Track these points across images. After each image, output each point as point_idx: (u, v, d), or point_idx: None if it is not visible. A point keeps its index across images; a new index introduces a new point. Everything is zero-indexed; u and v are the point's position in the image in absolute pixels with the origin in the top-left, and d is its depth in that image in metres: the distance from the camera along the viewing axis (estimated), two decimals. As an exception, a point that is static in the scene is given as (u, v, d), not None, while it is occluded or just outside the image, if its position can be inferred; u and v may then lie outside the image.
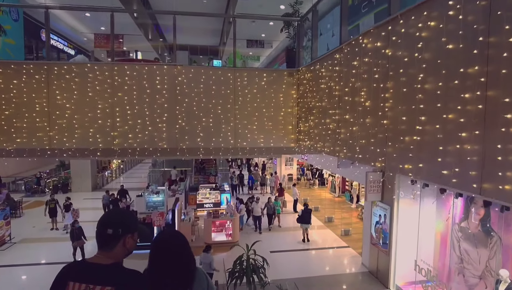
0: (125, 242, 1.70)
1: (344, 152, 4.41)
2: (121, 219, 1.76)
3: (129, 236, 1.72)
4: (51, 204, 13.69)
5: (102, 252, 1.68)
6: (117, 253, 1.69)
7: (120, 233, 1.68)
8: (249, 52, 20.85)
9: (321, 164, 17.27)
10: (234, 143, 6.40)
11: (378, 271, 10.49)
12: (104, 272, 1.63)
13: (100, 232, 1.68)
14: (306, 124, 6.04)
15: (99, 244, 1.70)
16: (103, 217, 1.76)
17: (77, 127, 5.93)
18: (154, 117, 6.11)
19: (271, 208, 14.11)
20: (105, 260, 1.66)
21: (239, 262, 7.50)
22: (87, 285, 1.59)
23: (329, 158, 14.67)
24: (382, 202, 10.21)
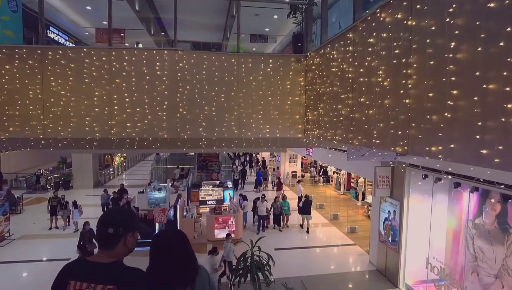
0: (126, 241, 1.69)
1: (358, 139, 4.05)
2: (121, 218, 1.75)
3: (130, 235, 1.70)
4: (53, 202, 13.41)
5: (103, 251, 1.67)
6: (118, 252, 1.68)
7: (121, 232, 1.67)
8: (253, 48, 20.47)
9: (327, 160, 16.88)
10: (238, 134, 6.06)
11: (386, 270, 10.12)
12: (106, 271, 1.61)
13: (101, 231, 1.67)
14: (314, 112, 5.69)
15: (100, 243, 1.69)
16: (103, 216, 1.74)
17: (72, 116, 5.62)
18: (153, 105, 5.78)
19: (278, 208, 13.58)
20: (106, 259, 1.64)
21: (243, 259, 7.16)
22: (89, 284, 1.57)
23: (335, 153, 14.28)
24: (391, 198, 9.83)
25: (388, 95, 3.44)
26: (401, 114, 3.24)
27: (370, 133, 3.81)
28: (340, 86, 4.63)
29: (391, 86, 3.42)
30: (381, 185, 9.69)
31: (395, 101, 3.36)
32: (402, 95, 3.22)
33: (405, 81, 3.17)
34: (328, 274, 10.04)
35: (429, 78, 2.84)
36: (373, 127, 3.74)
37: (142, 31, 18.76)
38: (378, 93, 3.66)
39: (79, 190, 20.85)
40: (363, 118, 3.98)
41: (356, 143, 4.13)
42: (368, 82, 3.88)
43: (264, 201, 13.48)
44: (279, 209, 13.69)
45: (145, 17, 17.93)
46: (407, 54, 3.15)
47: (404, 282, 9.34)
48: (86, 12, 16.09)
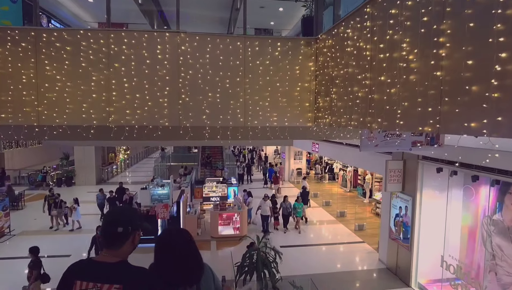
0: (134, 239, 1.72)
1: (378, 122, 3.67)
2: (129, 216, 1.75)
3: (137, 232, 1.74)
4: (50, 200, 13.00)
5: (109, 251, 1.67)
6: (125, 251, 1.70)
7: (130, 230, 1.70)
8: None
9: (334, 155, 16.46)
10: (244, 122, 5.69)
11: (397, 268, 9.71)
12: (112, 271, 1.61)
13: (109, 231, 1.68)
14: (326, 98, 5.31)
15: (107, 243, 1.69)
16: (110, 216, 1.77)
17: (68, 102, 5.29)
18: (154, 91, 5.44)
19: (287, 209, 12.89)
20: (112, 258, 1.65)
21: (249, 255, 6.82)
22: (95, 284, 1.57)
23: (343, 148, 13.85)
24: (403, 193, 9.41)
25: (415, 69, 3.05)
26: (430, 89, 2.85)
27: (392, 114, 3.43)
28: (356, 66, 4.24)
29: (418, 59, 3.03)
30: (393, 179, 9.28)
31: (423, 76, 2.97)
32: (432, 67, 2.83)
33: (436, 51, 2.78)
34: (337, 273, 9.66)
35: (468, 43, 2.45)
36: (396, 107, 3.35)
37: (145, 25, 18.47)
38: (402, 68, 3.27)
39: (81, 186, 20.66)
40: (384, 98, 3.59)
41: (376, 127, 3.75)
42: (390, 58, 3.49)
43: (268, 200, 12.87)
44: (288, 209, 13.00)
45: (148, 10, 17.61)
46: (439, 20, 2.76)
47: (416, 281, 8.93)
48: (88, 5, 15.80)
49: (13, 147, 28.71)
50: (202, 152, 25.95)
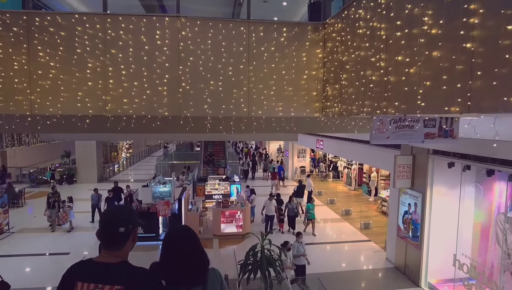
0: (134, 237, 1.71)
1: (395, 106, 3.36)
2: (128, 215, 1.74)
3: (136, 230, 1.73)
4: (55, 197, 12.63)
5: (109, 252, 1.65)
6: (126, 251, 1.68)
7: (131, 229, 1.69)
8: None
9: (339, 152, 16.11)
10: (248, 112, 5.40)
11: (406, 267, 9.36)
12: (113, 271, 1.59)
13: (110, 232, 1.65)
14: (335, 85, 4.99)
15: (108, 244, 1.66)
16: (109, 217, 1.73)
17: (63, 90, 5.01)
18: (153, 78, 5.15)
19: (293, 210, 12.19)
20: (113, 259, 1.63)
21: (253, 253, 6.51)
22: (96, 285, 1.55)
23: (349, 144, 13.51)
24: (412, 189, 9.06)
25: (440, 42, 2.73)
26: (459, 64, 2.54)
27: (412, 96, 3.12)
28: (369, 48, 3.93)
29: (444, 31, 2.72)
30: (401, 175, 8.94)
31: (449, 50, 2.66)
32: (461, 38, 2.51)
33: (466, 19, 2.47)
34: (344, 272, 9.34)
35: (507, 7, 2.13)
36: (416, 88, 3.04)
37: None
38: (423, 44, 2.95)
39: (83, 184, 20.44)
40: (402, 80, 3.28)
41: (392, 111, 3.43)
42: (409, 34, 3.17)
43: (273, 200, 12.26)
44: (295, 210, 12.18)
45: (149, 5, 17.37)
46: (469, -15, 2.44)
47: (426, 280, 8.58)
48: (88, -1, 15.54)
49: (15, 145, 28.67)
50: (204, 150, 25.69)
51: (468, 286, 7.25)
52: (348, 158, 19.01)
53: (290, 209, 12.21)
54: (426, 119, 6.05)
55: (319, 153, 26.25)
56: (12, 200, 15.40)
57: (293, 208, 12.16)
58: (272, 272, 6.33)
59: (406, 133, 6.07)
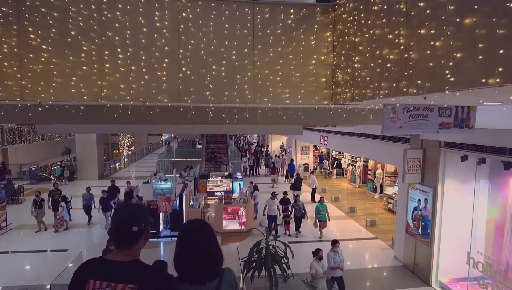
0: (146, 235, 1.71)
1: (417, 85, 3.02)
2: (141, 214, 1.73)
3: (148, 228, 1.73)
4: (55, 195, 12.16)
5: (121, 251, 1.64)
6: (138, 249, 1.68)
7: (143, 227, 1.68)
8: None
9: (345, 147, 15.75)
10: (252, 99, 5.07)
11: (415, 265, 9.01)
12: (126, 270, 1.59)
13: (123, 231, 1.64)
14: (347, 69, 4.66)
15: (120, 243, 1.65)
16: (121, 216, 1.71)
17: (56, 75, 4.70)
18: (152, 62, 4.83)
19: (299, 210, 11.49)
20: (125, 257, 1.62)
21: (257, 249, 6.19)
22: (109, 283, 1.54)
23: (354, 139, 13.16)
24: (422, 184, 8.71)
25: (475, 6, 2.39)
26: (500, 28, 2.20)
27: (438, 71, 2.78)
28: (387, 24, 3.59)
29: (479, -6, 2.37)
30: (411, 170, 8.59)
31: (486, 14, 2.32)
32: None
33: (508, -25, 2.13)
34: (351, 270, 8.99)
35: None
36: (444, 61, 2.70)
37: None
38: (453, 12, 2.62)
39: (83, 181, 20.18)
40: (426, 54, 2.94)
41: (414, 91, 3.10)
42: (435, 3, 2.83)
43: (275, 199, 11.65)
44: (301, 211, 11.47)
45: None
46: None
47: (437, 279, 8.24)
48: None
49: (16, 142, 28.51)
50: (206, 147, 25.39)
51: (483, 286, 6.90)
52: (354, 154, 18.64)
53: (297, 210, 11.44)
54: (441, 108, 5.72)
55: (322, 149, 25.91)
56: (11, 196, 15.17)
57: (300, 209, 11.45)
58: (277, 269, 6.01)
59: (420, 123, 5.74)
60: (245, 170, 23.09)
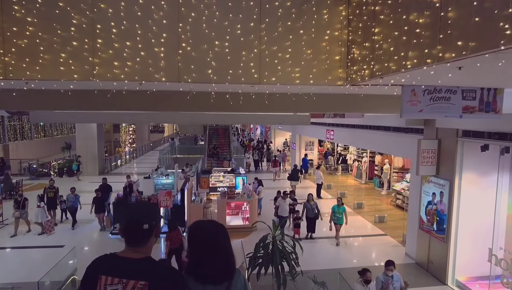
0: (157, 233, 1.75)
1: (457, 46, 2.55)
2: (151, 211, 1.78)
3: (158, 225, 1.79)
4: (49, 193, 11.47)
5: (133, 248, 1.66)
6: (149, 247, 1.71)
7: (154, 225, 1.71)
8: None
9: (352, 140, 15.23)
10: (259, 79, 4.60)
11: (429, 263, 8.52)
12: (137, 267, 1.61)
13: (134, 229, 1.67)
14: (365, 44, 4.19)
15: (132, 241, 1.67)
16: (132, 215, 1.72)
17: (43, 50, 4.26)
18: (148, 37, 4.38)
19: (312, 210, 10.43)
20: (136, 254, 1.64)
21: (263, 245, 5.74)
22: (120, 280, 1.57)
23: (362, 132, 12.66)
24: (437, 177, 8.20)
25: None
26: None
27: (488, 26, 2.30)
28: (416, -17, 3.10)
29: None
30: (426, 161, 8.09)
31: None
32: None
33: None
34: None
35: None
36: (497, 11, 2.22)
37: None
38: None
39: (84, 176, 19.83)
40: (468, 12, 2.47)
41: (453, 55, 2.62)
42: None
43: (287, 199, 10.77)
44: (314, 211, 10.40)
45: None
46: None
47: (454, 278, 7.75)
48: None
49: (18, 139, 28.29)
50: (209, 143, 24.97)
51: (508, 285, 6.40)
52: (362, 147, 18.10)
53: (309, 210, 10.36)
54: (465, 90, 5.23)
55: (327, 145, 25.42)
56: (9, 191, 14.82)
57: (313, 209, 10.34)
58: (285, 266, 5.56)
59: (442, 106, 5.26)
60: (248, 166, 22.67)
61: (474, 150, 7.24)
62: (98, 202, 11.08)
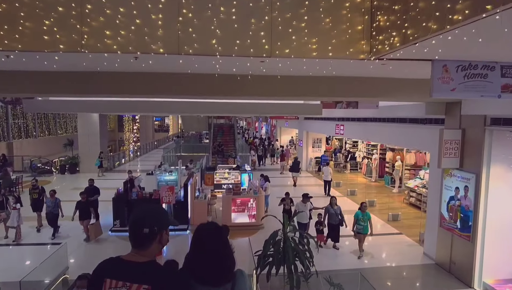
0: (160, 239, 1.71)
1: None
2: (155, 216, 1.74)
3: (164, 232, 1.73)
4: (33, 194, 10.38)
5: (137, 251, 1.68)
6: (153, 251, 1.70)
7: (156, 231, 1.69)
8: None
9: (363, 135, 14.57)
10: (270, 50, 4.03)
11: (452, 264, 7.83)
12: (141, 270, 1.62)
13: (135, 232, 1.68)
14: (394, 7, 3.59)
15: (134, 244, 1.69)
16: (135, 216, 1.74)
17: (23, 17, 3.73)
18: (144, 3, 3.83)
19: (336, 215, 8.94)
20: (140, 258, 1.65)
21: (274, 242, 5.15)
22: (124, 283, 1.59)
23: (375, 125, 12.03)
24: (461, 170, 7.51)
25: None
26: None
27: None
28: None
29: None
30: (448, 153, 7.44)
31: None
32: None
33: None
34: (378, 268, 7.92)
35: None
36: None
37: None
38: None
39: (86, 174, 19.38)
40: None
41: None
42: None
43: (308, 202, 9.13)
44: (338, 217, 8.91)
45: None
46: None
47: (481, 280, 7.07)
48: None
49: (22, 137, 28.07)
50: (213, 140, 24.46)
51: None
52: (375, 142, 17.41)
53: (332, 215, 8.88)
54: (504, 65, 4.60)
55: (334, 143, 24.75)
56: (9, 188, 14.40)
57: (337, 214, 8.91)
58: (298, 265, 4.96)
59: (478, 85, 4.63)
60: (254, 164, 22.10)
61: (505, 139, 6.59)
62: (81, 207, 9.46)
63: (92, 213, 9.70)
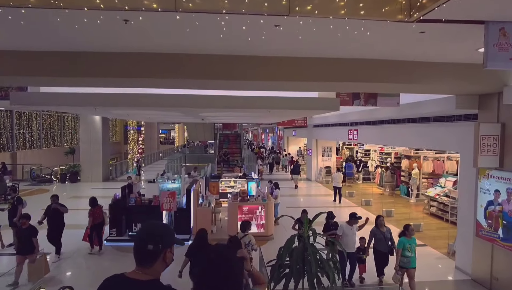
0: (165, 257, 1.68)
1: None
2: (161, 233, 1.70)
3: (168, 250, 1.70)
4: (9, 204, 9.37)
5: (140, 268, 1.65)
6: (156, 269, 1.67)
7: (161, 248, 1.66)
8: None
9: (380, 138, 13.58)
10: (289, 6, 3.27)
11: (493, 279, 6.76)
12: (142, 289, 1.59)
13: (139, 248, 1.65)
14: None
15: (138, 260, 1.66)
16: (141, 233, 1.71)
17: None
18: None
19: (385, 241, 6.80)
20: (143, 276, 1.63)
21: (290, 249, 4.25)
22: None
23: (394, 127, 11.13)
24: (501, 170, 6.57)
25: None
26: None
27: None
28: None
29: None
30: (485, 151, 6.53)
31: None
32: None
33: None
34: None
35: None
36: None
37: None
38: None
39: (87, 183, 18.71)
40: None
41: None
42: None
43: (355, 225, 7.04)
44: (388, 242, 6.83)
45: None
46: None
47: (531, 299, 6.05)
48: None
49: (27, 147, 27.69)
50: (219, 149, 23.73)
51: None
52: (393, 145, 16.44)
53: (381, 241, 6.81)
54: None
55: (345, 152, 23.80)
56: (4, 195, 13.73)
57: (386, 238, 6.80)
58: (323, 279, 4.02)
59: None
60: (261, 174, 21.18)
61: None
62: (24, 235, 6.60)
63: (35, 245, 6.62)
